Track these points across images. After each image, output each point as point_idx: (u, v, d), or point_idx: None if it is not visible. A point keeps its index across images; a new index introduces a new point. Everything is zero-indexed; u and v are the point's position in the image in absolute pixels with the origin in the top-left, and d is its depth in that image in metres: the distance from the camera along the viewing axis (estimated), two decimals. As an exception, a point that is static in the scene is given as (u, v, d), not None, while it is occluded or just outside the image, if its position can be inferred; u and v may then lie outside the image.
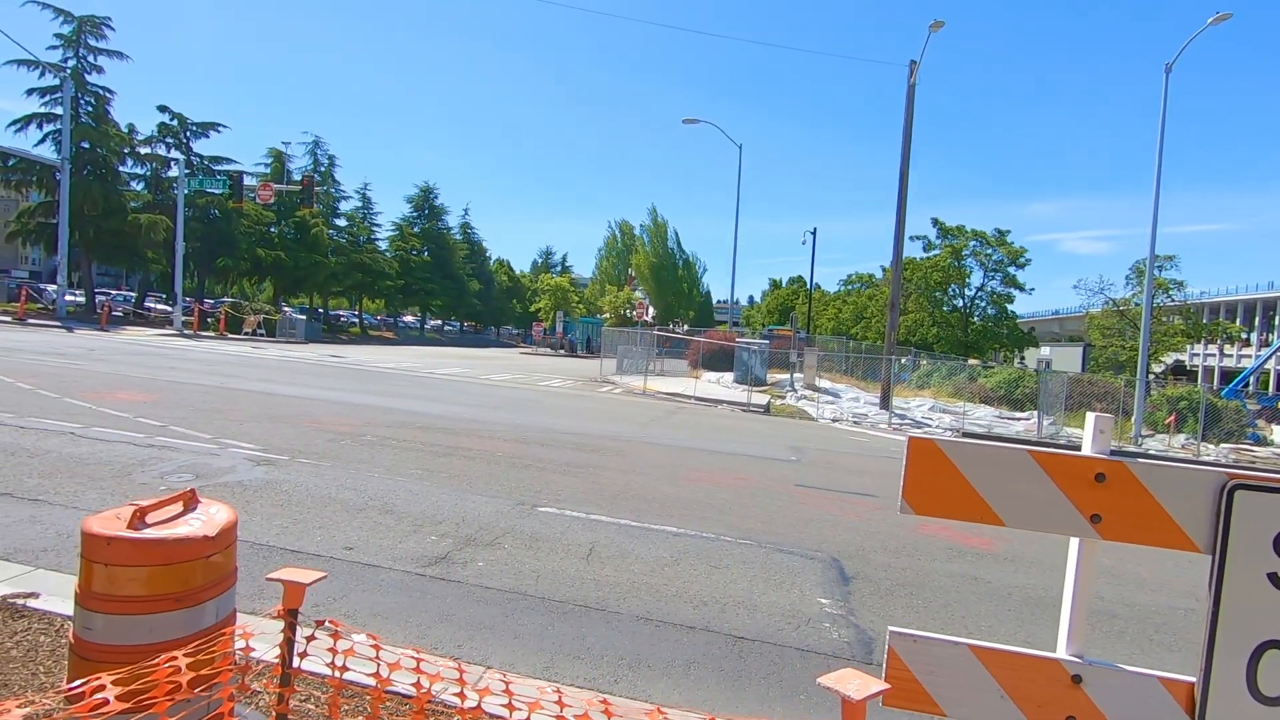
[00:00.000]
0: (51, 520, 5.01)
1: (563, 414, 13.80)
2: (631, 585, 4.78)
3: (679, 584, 4.89)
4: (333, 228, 47.53)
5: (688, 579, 5.01)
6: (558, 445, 9.88)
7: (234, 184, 32.73)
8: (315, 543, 5.04)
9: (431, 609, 4.14)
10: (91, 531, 2.26)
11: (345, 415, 10.71)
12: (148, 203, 36.39)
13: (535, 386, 19.86)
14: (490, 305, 65.20)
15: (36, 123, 32.95)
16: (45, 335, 21.73)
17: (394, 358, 27.39)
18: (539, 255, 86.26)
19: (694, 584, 4.92)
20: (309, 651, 1.87)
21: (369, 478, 6.96)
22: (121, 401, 9.94)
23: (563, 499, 6.86)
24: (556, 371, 27.63)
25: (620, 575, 4.95)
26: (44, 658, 3.13)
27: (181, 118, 38.08)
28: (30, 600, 3.60)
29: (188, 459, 7.04)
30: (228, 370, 15.96)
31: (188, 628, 2.35)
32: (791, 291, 78.21)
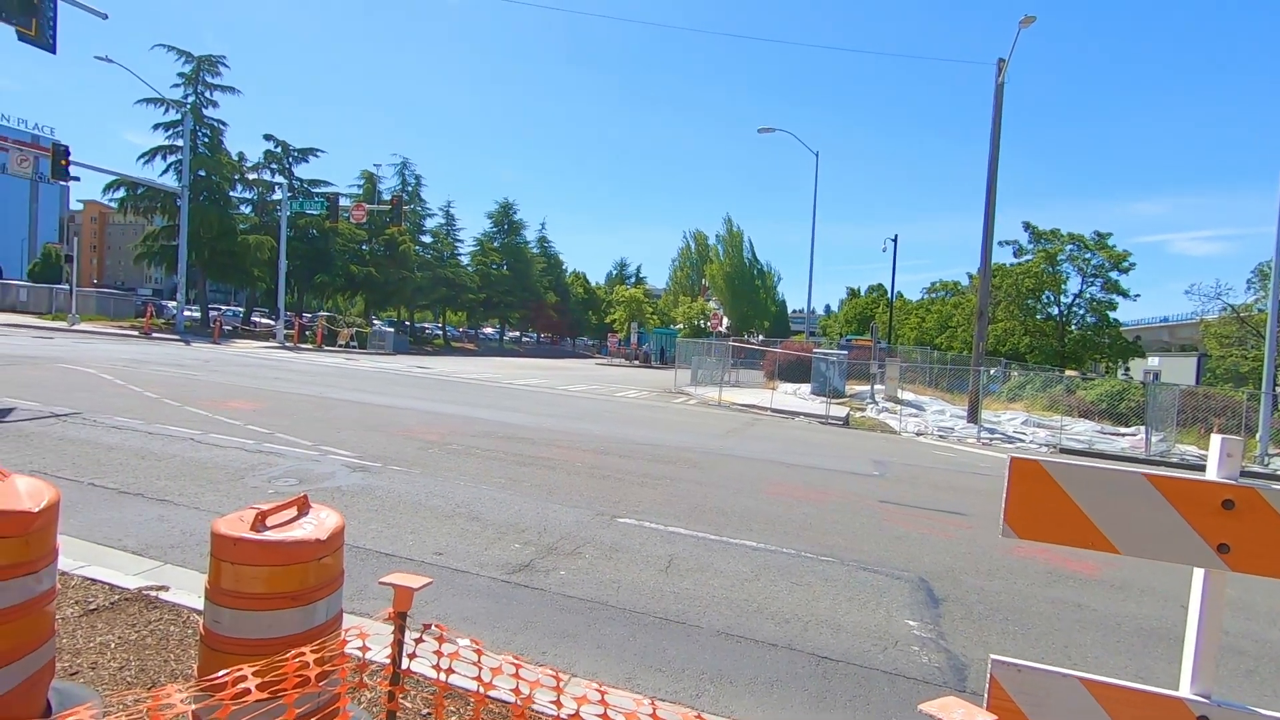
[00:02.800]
0: (177, 519, 5.46)
1: (639, 425, 13.90)
2: (711, 599, 4.76)
3: (760, 600, 4.84)
4: (419, 244, 49.81)
5: (768, 595, 4.94)
6: (635, 456, 9.96)
7: (331, 205, 34.85)
8: (408, 547, 5.28)
9: (517, 615, 4.26)
10: (220, 533, 2.47)
11: (432, 424, 11.17)
12: (254, 224, 39.28)
13: (611, 397, 20.09)
14: (566, 317, 66.50)
15: (161, 154, 36.22)
16: (167, 348, 23.73)
17: (475, 368, 28.34)
18: (614, 267, 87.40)
19: (775, 600, 4.85)
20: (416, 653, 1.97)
21: (455, 485, 7.24)
22: (233, 410, 10.74)
23: (641, 510, 6.91)
24: (631, 382, 27.86)
25: (700, 589, 4.94)
26: (174, 646, 3.42)
27: (284, 145, 40.93)
28: (161, 593, 3.94)
29: (292, 464, 7.53)
30: (325, 381, 16.95)
31: (301, 625, 2.52)
32: (871, 300, 76.00)
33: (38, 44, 12.29)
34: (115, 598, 3.84)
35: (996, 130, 19.41)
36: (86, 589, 3.89)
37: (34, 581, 2.52)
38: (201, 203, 34.79)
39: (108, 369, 14.79)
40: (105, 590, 3.91)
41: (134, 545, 4.83)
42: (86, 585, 3.94)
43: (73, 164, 25.77)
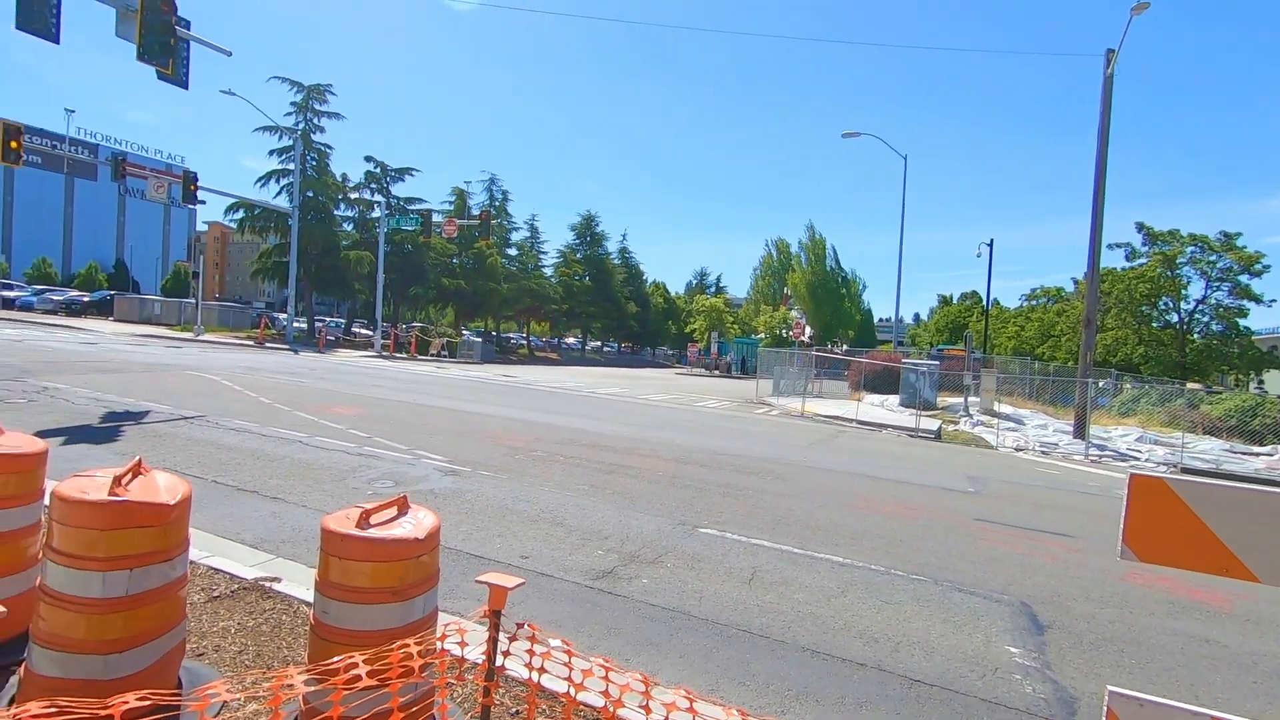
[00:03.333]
0: (288, 516, 5.86)
1: (720, 435, 13.79)
2: (796, 614, 4.66)
3: (847, 617, 4.69)
4: (505, 257, 51.53)
5: (856, 612, 4.78)
6: (716, 466, 9.89)
7: (424, 221, 36.63)
8: (496, 549, 5.45)
9: (601, 621, 4.30)
10: (329, 529, 2.63)
11: (518, 431, 11.49)
12: (355, 241, 41.80)
13: (691, 407, 20.04)
14: (647, 326, 66.93)
15: (275, 178, 39.20)
16: (278, 356, 25.56)
17: (559, 377, 28.96)
18: (694, 276, 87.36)
19: (863, 618, 4.69)
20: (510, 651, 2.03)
21: (541, 491, 7.41)
22: (337, 415, 11.43)
23: (723, 521, 6.84)
24: (712, 392, 27.70)
25: (784, 603, 4.84)
26: (285, 634, 3.66)
27: (383, 165, 43.41)
28: (274, 584, 4.23)
29: (389, 467, 7.93)
30: (418, 388, 17.77)
31: (400, 619, 2.65)
32: (964, 308, 72.52)
33: (174, 82, 13.62)
34: (235, 587, 4.16)
35: (1105, 125, 18.16)
36: (211, 577, 4.24)
37: (169, 568, 2.77)
38: (309, 222, 37.37)
39: (227, 376, 16.07)
40: (226, 579, 4.24)
41: (250, 539, 5.22)
42: (211, 574, 4.28)
43: (200, 189, 28.32)
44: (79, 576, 2.55)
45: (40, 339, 22.34)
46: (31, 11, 11.11)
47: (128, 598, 2.61)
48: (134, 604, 2.63)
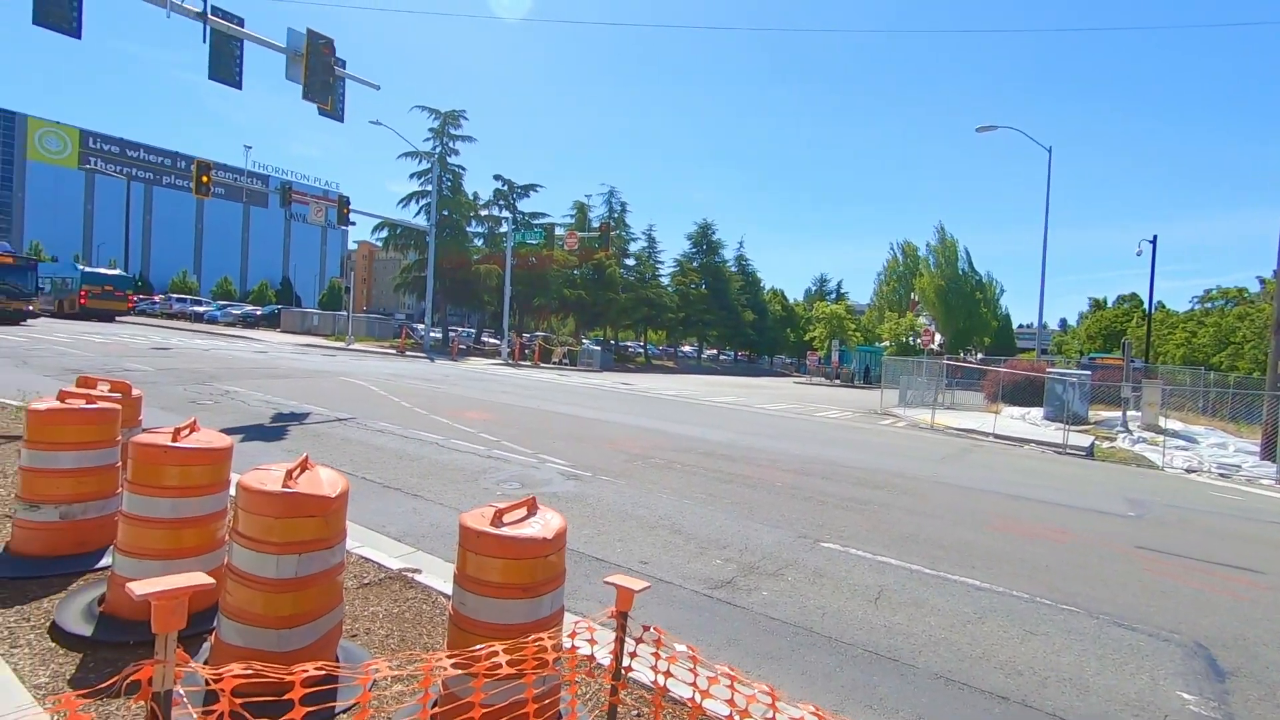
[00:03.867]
0: (427, 512, 6.30)
1: (842, 446, 13.31)
2: (927, 638, 4.40)
3: (984, 645, 4.37)
4: (623, 267, 52.59)
5: (995, 641, 4.44)
6: (839, 479, 9.55)
7: (548, 235, 38.20)
8: (616, 554, 5.56)
9: (720, 631, 4.28)
10: (466, 526, 2.81)
11: (636, 438, 11.68)
12: (485, 255, 44.29)
13: (811, 417, 19.48)
14: (764, 334, 65.83)
15: (415, 199, 42.36)
16: (416, 364, 27.55)
17: (675, 385, 29.12)
18: (813, 283, 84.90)
19: (1003, 648, 4.35)
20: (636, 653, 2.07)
21: (659, 498, 7.49)
22: (469, 419, 12.15)
23: (846, 536, 6.60)
24: (833, 402, 26.78)
25: (914, 625, 4.59)
26: (425, 623, 3.94)
27: (510, 183, 45.76)
28: (416, 575, 4.56)
29: (516, 470, 8.32)
30: (542, 395, 18.52)
31: (529, 615, 2.78)
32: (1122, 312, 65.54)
33: (332, 116, 15.15)
34: (382, 576, 4.52)
35: (1299, 102, 15.80)
36: (361, 566, 4.63)
37: (330, 555, 3.07)
38: (445, 238, 40.07)
39: (374, 382, 17.54)
40: (374, 569, 4.62)
41: (394, 532, 5.65)
42: (361, 563, 4.68)
43: (351, 211, 31.21)
44: (258, 558, 2.88)
45: (223, 348, 25.45)
46: (221, 64, 12.75)
47: (296, 579, 2.91)
48: (301, 585, 2.93)
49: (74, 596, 3.70)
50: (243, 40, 13.09)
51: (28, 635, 3.28)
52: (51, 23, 10.39)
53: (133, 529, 3.47)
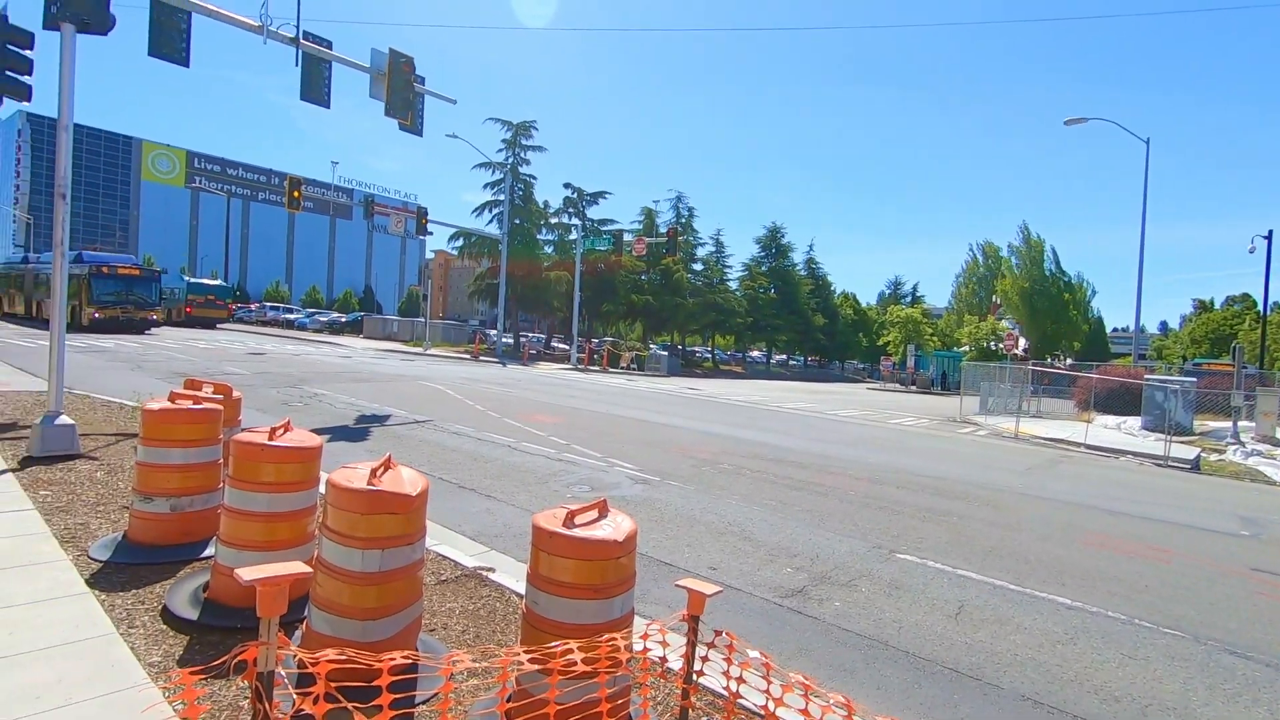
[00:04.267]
0: (500, 513, 6.46)
1: (917, 454, 12.83)
2: (1012, 657, 4.18)
3: (1077, 668, 4.12)
4: (691, 272, 52.50)
5: (1089, 664, 4.18)
6: (915, 488, 9.21)
7: (616, 241, 38.57)
8: (684, 559, 5.55)
9: (791, 640, 4.20)
10: (539, 526, 2.87)
11: (704, 443, 11.62)
12: (555, 262, 45.15)
13: (885, 424, 18.89)
14: (835, 339, 64.30)
15: (488, 208, 43.68)
16: (489, 369, 28.33)
17: (743, 391, 28.83)
18: (886, 286, 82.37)
19: (1098, 672, 4.09)
20: (709, 657, 2.07)
21: (727, 504, 7.42)
22: (539, 423, 12.39)
23: (923, 548, 6.36)
24: (908, 409, 25.87)
25: (997, 643, 4.37)
26: (499, 620, 4.04)
27: (580, 191, 46.51)
28: (490, 574, 4.68)
29: (585, 473, 8.43)
30: (610, 399, 18.70)
31: (599, 616, 2.81)
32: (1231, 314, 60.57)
33: (411, 131, 15.80)
34: (458, 573, 4.67)
35: None
36: (439, 563, 4.80)
37: (411, 551, 3.20)
38: (516, 246, 41.10)
39: (449, 385, 18.14)
40: (451, 566, 4.78)
41: (470, 531, 5.83)
42: (439, 560, 4.85)
43: (429, 222, 32.49)
44: (345, 552, 3.03)
45: (311, 353, 26.90)
46: (311, 86, 13.53)
47: (380, 573, 3.05)
48: (385, 579, 3.07)
49: (182, 583, 3.99)
50: (331, 62, 13.84)
51: (142, 618, 3.56)
52: (164, 54, 11.28)
53: (233, 521, 3.71)
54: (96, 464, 6.56)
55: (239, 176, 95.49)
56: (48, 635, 3.23)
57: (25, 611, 3.45)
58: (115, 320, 28.94)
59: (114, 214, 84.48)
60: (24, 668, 2.93)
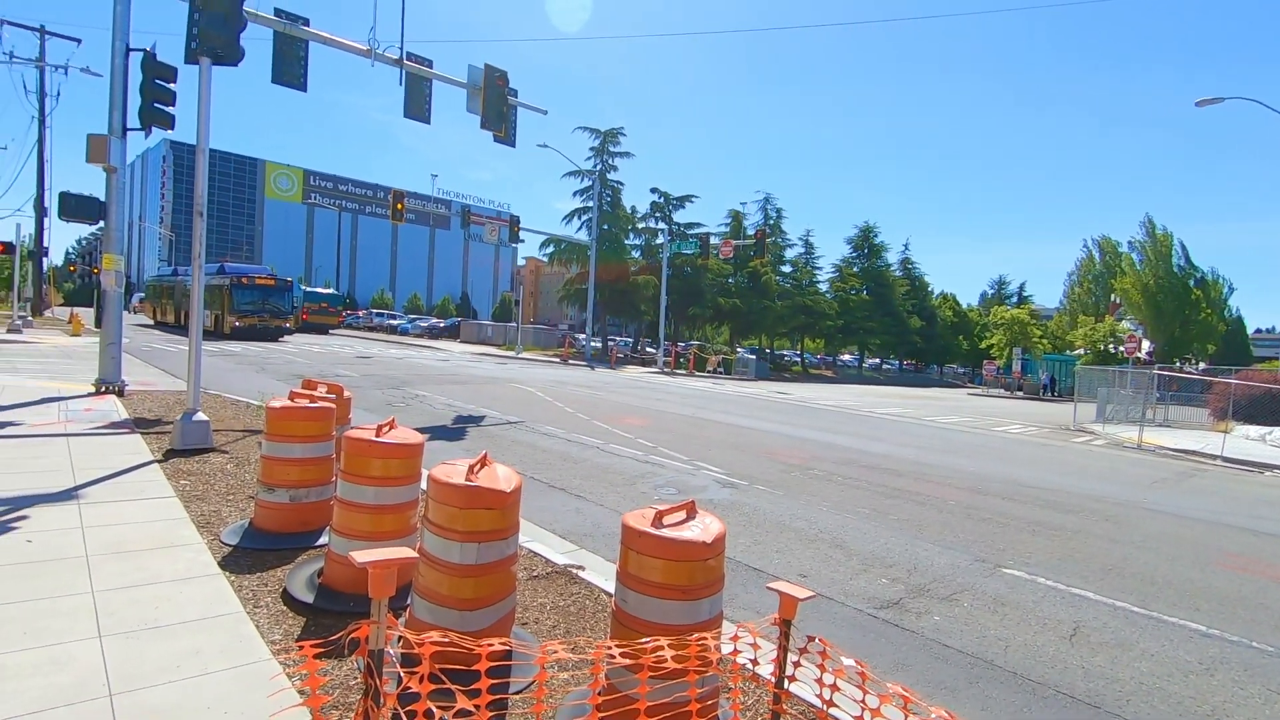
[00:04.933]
0: (589, 513, 6.58)
1: (1025, 464, 12.04)
2: (1137, 686, 3.85)
3: (1215, 701, 3.73)
4: (779, 274, 51.63)
5: (1230, 699, 3.78)
6: (1022, 500, 8.65)
7: (703, 244, 38.50)
8: (773, 565, 5.45)
9: (886, 654, 4.04)
10: (628, 525, 2.90)
11: (793, 448, 11.38)
12: (642, 266, 45.54)
13: (989, 431, 17.84)
14: (932, 342, 61.39)
15: (577, 215, 44.63)
16: (578, 372, 28.92)
17: (834, 395, 28.03)
18: (989, 286, 77.86)
19: (1241, 708, 3.69)
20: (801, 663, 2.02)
21: (818, 510, 7.23)
22: (626, 425, 12.53)
23: (1032, 563, 5.96)
24: (1014, 415, 24.33)
25: (1119, 670, 4.03)
26: (588, 617, 4.11)
27: (666, 195, 46.72)
28: (580, 572, 4.77)
29: (672, 476, 8.44)
30: (697, 403, 18.65)
31: (687, 618, 2.80)
32: (1404, 313, 53.21)
33: (505, 142, 16.42)
34: (549, 570, 4.78)
35: None
36: (530, 559, 4.93)
37: (505, 545, 3.31)
38: (604, 251, 41.80)
39: (540, 388, 18.65)
40: (542, 563, 4.90)
41: (560, 530, 5.97)
42: (530, 556, 4.99)
43: (521, 230, 33.56)
44: (444, 544, 3.18)
45: (412, 356, 28.38)
46: (413, 103, 14.31)
47: (476, 566, 3.17)
48: (481, 572, 3.19)
49: (300, 568, 4.31)
50: (432, 80, 14.60)
51: (266, 598, 3.86)
52: (286, 80, 12.28)
53: (344, 512, 3.97)
54: (227, 457, 7.19)
55: (349, 191, 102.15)
56: (187, 611, 3.57)
57: (170, 588, 3.82)
58: (253, 328, 30.78)
59: (241, 229, 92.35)
60: (170, 639, 3.25)
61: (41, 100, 29.68)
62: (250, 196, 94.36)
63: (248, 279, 31.93)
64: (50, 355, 16.98)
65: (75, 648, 3.08)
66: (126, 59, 10.19)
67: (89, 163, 10.13)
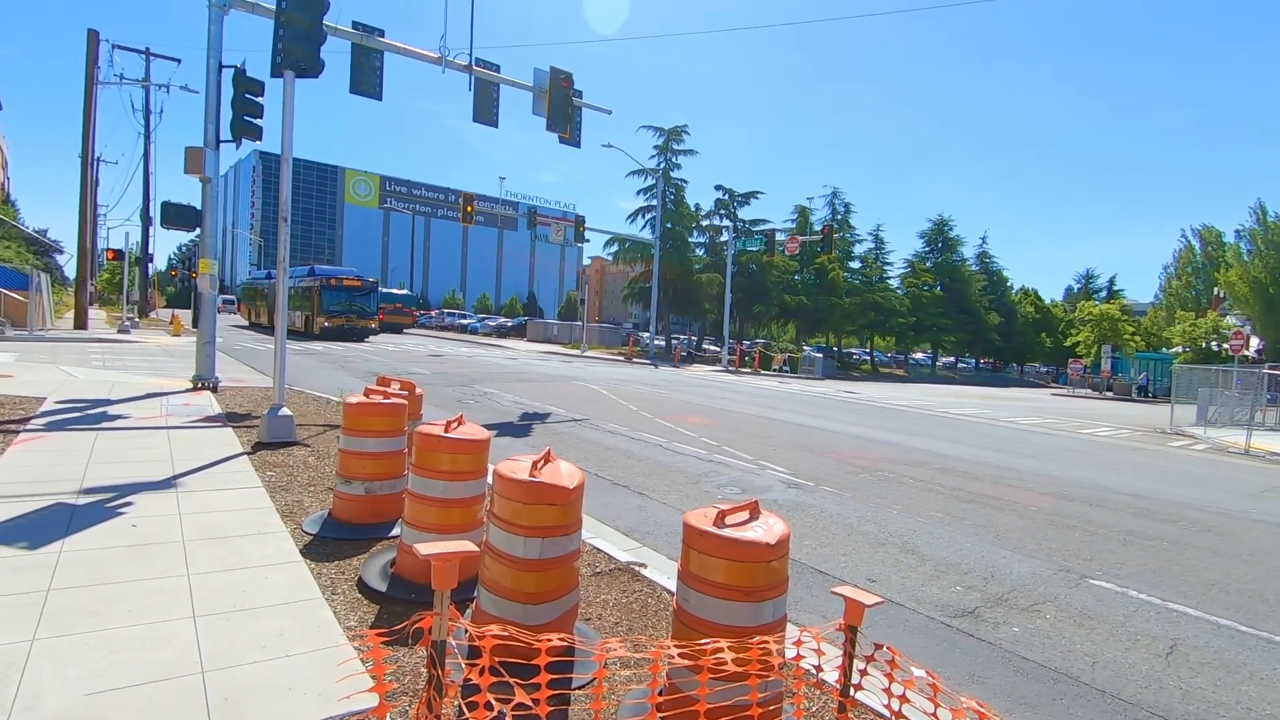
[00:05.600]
0: (651, 510, 6.58)
1: (1115, 469, 11.32)
2: (1244, 711, 3.55)
3: (1335, 733, 3.40)
4: (847, 270, 50.32)
5: (1353, 730, 3.44)
6: (1112, 507, 8.13)
7: (768, 241, 37.93)
8: (840, 568, 5.31)
9: (961, 665, 3.87)
10: (690, 524, 2.88)
11: (862, 449, 11.07)
12: (706, 265, 45.29)
13: (1074, 434, 16.87)
14: (1011, 340, 58.53)
15: (641, 214, 44.76)
16: (642, 370, 29.02)
17: (905, 395, 27.12)
18: (1075, 280, 73.66)
19: (1367, 741, 3.35)
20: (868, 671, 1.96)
21: (888, 514, 7.01)
22: (690, 424, 12.48)
23: (1123, 575, 5.59)
24: (1103, 417, 22.92)
25: (1223, 693, 3.73)
26: (650, 615, 4.11)
27: (731, 192, 46.28)
28: (642, 569, 4.78)
29: (735, 475, 8.35)
30: (762, 402, 18.40)
31: (750, 619, 2.75)
32: None
33: (570, 143, 16.64)
34: (611, 566, 4.81)
35: None
36: (594, 556, 4.97)
37: (568, 541, 3.34)
38: (668, 250, 41.79)
39: (604, 386, 18.82)
40: (605, 559, 4.94)
41: (622, 527, 5.99)
42: (594, 553, 5.03)
43: (586, 229, 33.93)
44: (509, 538, 3.23)
45: (481, 355, 29.14)
46: (482, 107, 14.68)
47: (540, 560, 3.22)
48: (544, 567, 3.23)
49: (374, 558, 4.48)
50: (499, 84, 14.94)
51: (342, 586, 4.03)
52: (363, 90, 12.83)
53: (414, 505, 4.10)
54: (309, 450, 7.56)
55: (422, 196, 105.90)
56: (271, 595, 3.76)
57: (256, 573, 4.05)
58: (340, 328, 31.27)
59: (323, 234, 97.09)
60: (256, 620, 3.44)
61: (147, 117, 32.02)
62: (331, 203, 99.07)
63: (336, 280, 32.41)
64: (154, 353, 18.31)
65: (174, 626, 3.30)
66: (220, 75, 10.87)
67: (187, 173, 10.85)
